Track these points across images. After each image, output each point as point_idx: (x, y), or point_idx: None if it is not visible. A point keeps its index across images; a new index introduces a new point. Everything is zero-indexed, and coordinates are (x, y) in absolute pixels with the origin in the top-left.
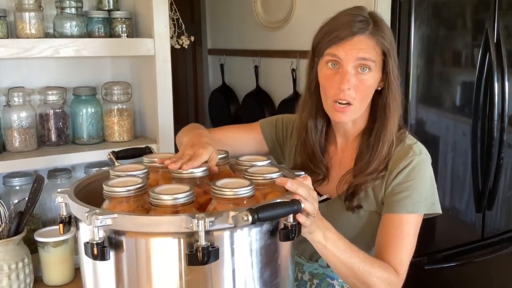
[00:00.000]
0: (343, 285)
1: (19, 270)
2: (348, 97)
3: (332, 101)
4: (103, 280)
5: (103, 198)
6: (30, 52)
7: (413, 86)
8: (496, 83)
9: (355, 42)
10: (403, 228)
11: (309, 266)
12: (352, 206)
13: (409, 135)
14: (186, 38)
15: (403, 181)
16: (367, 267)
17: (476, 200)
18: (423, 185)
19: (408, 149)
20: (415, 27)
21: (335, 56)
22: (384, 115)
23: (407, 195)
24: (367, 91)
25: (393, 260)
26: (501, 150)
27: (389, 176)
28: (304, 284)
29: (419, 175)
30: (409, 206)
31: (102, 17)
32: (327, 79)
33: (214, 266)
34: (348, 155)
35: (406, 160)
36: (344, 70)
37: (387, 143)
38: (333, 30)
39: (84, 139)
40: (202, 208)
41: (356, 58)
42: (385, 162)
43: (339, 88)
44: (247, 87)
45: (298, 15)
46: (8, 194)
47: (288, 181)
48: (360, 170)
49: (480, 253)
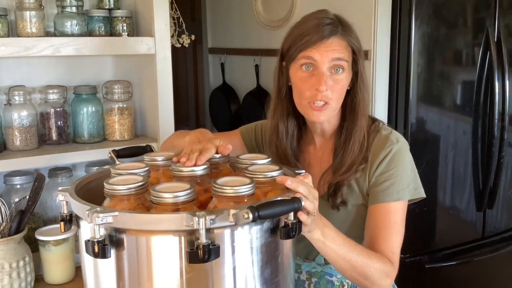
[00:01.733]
0: (342, 280)
1: (20, 269)
2: (325, 97)
3: (308, 102)
4: (104, 278)
5: (104, 197)
6: (31, 51)
7: (414, 85)
8: (496, 82)
9: (329, 43)
10: (391, 217)
11: (307, 265)
12: (336, 204)
13: (384, 126)
14: (186, 37)
15: (384, 171)
16: (365, 260)
17: (477, 199)
18: (405, 172)
19: (385, 139)
20: (416, 26)
21: (310, 58)
22: (354, 113)
23: (390, 183)
24: (341, 90)
25: (385, 250)
26: (501, 148)
27: (370, 167)
28: (302, 284)
29: (399, 162)
30: (394, 194)
31: (103, 16)
32: (303, 82)
33: (215, 264)
34: (327, 153)
35: (385, 150)
36: (320, 71)
37: (358, 139)
38: (304, 34)
39: (84, 138)
40: (203, 206)
41: (331, 59)
42: (360, 157)
43: (316, 90)
44: (248, 86)
45: (299, 14)
46: (9, 192)
47: (288, 179)
48: (336, 168)
49: (481, 252)
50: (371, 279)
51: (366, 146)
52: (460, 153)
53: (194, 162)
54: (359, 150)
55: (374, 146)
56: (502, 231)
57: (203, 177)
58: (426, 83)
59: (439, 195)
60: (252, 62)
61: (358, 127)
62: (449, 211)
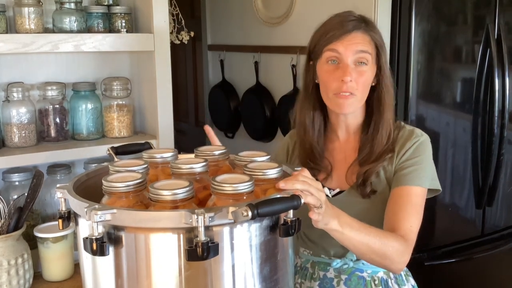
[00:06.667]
0: (373, 275)
1: (19, 266)
2: (351, 88)
3: (334, 94)
4: (103, 276)
5: (103, 194)
6: (29, 47)
7: (414, 82)
8: (496, 79)
9: (352, 37)
10: (411, 198)
11: (338, 262)
12: (367, 193)
13: (406, 124)
14: (186, 33)
15: (410, 157)
16: (382, 240)
17: (476, 196)
18: (427, 162)
19: (411, 132)
20: (416, 23)
21: (335, 51)
22: (381, 107)
23: (414, 169)
24: (366, 83)
25: (403, 226)
26: (501, 146)
27: (397, 156)
28: (329, 281)
29: (423, 152)
30: (416, 179)
31: (102, 12)
32: (328, 75)
33: (214, 262)
34: (352, 147)
35: (412, 141)
36: (344, 64)
37: (386, 132)
38: (329, 30)
39: (83, 135)
40: (202, 203)
41: (355, 52)
42: (388, 148)
43: (341, 81)
44: (247, 83)
45: (298, 11)
46: (7, 189)
47: (281, 182)
48: (365, 159)
49: (480, 249)
50: (390, 258)
51: (392, 139)
52: (460, 150)
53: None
54: (386, 143)
55: (401, 138)
56: (502, 228)
57: (202, 175)
58: (426, 80)
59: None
60: (252, 59)
61: (385, 120)
62: (449, 208)
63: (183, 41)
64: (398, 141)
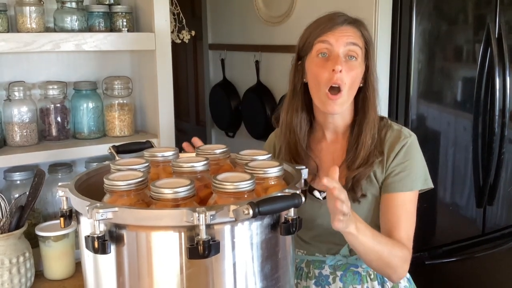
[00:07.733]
0: (368, 270)
1: (20, 264)
2: (340, 80)
3: (325, 90)
4: (104, 274)
5: (104, 192)
6: (31, 46)
7: (414, 81)
8: (497, 78)
9: (344, 29)
10: (406, 206)
11: (332, 259)
12: (357, 198)
13: (392, 122)
14: (186, 32)
15: (400, 162)
16: (389, 249)
17: (477, 195)
18: (418, 163)
19: (399, 133)
20: (417, 22)
21: (327, 42)
22: (366, 107)
23: (406, 174)
24: (355, 78)
25: (403, 237)
26: (502, 145)
27: (387, 159)
28: (325, 278)
29: (413, 154)
30: (408, 184)
31: (103, 11)
32: (319, 67)
33: (215, 260)
34: (340, 148)
35: (401, 143)
36: (335, 54)
37: (370, 132)
38: (320, 24)
39: (84, 134)
40: (203, 202)
41: (346, 43)
42: (375, 151)
43: (332, 71)
44: (248, 82)
45: (299, 10)
46: (9, 188)
47: (335, 189)
48: (352, 161)
49: (481, 249)
50: (394, 267)
51: (379, 140)
52: (461, 149)
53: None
54: (372, 143)
55: (388, 140)
56: (502, 227)
57: (203, 173)
58: (426, 80)
59: (439, 192)
60: (253, 58)
61: (369, 120)
62: (449, 207)
63: (184, 40)
64: (386, 142)
